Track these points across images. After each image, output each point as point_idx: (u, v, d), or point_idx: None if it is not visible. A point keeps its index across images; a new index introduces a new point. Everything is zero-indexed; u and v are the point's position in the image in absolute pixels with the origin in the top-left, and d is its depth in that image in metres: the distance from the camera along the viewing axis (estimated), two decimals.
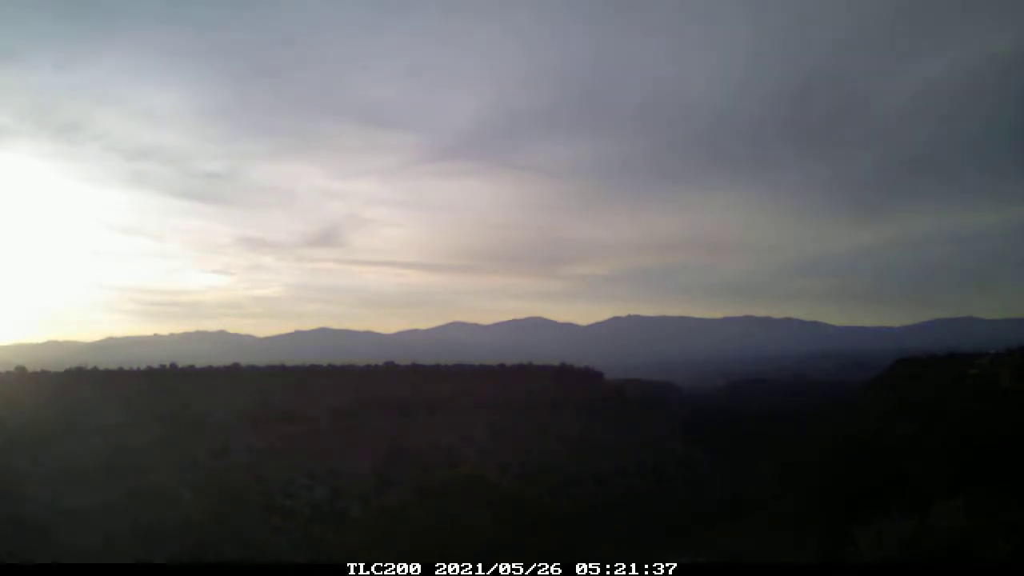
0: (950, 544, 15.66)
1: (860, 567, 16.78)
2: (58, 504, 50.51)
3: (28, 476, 58.15)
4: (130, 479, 61.04)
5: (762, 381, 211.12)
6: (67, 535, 38.90)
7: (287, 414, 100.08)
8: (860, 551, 17.96)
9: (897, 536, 17.63)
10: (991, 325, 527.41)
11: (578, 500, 77.66)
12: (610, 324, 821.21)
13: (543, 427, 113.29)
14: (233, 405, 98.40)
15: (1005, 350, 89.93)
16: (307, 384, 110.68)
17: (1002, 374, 70.06)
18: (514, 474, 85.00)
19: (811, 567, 17.76)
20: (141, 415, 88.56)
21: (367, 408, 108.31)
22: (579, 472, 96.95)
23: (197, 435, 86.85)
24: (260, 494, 65.66)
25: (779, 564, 19.50)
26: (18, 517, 45.70)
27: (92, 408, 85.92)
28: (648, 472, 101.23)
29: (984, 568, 14.32)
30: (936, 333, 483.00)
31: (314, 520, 62.29)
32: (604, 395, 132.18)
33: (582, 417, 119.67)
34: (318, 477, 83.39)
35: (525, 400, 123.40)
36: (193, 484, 44.45)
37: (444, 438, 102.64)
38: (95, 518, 40.42)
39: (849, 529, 19.89)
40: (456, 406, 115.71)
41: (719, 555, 22.05)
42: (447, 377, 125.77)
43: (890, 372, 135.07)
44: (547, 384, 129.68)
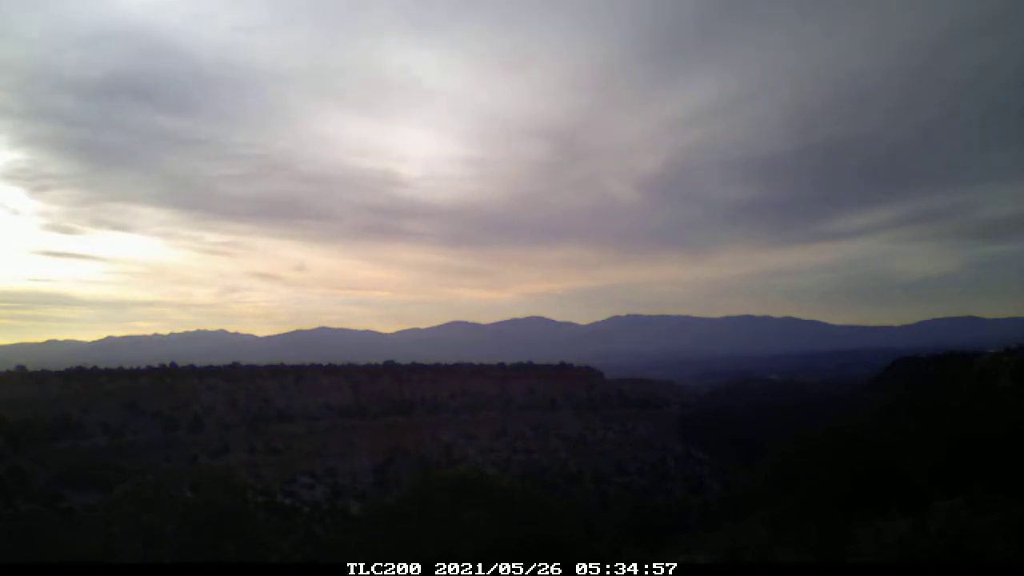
0: (950, 544, 15.66)
1: (860, 567, 16.78)
2: (58, 504, 50.47)
3: (28, 476, 58.15)
4: (130, 479, 61.00)
5: (762, 380, 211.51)
6: (67, 535, 38.88)
7: (287, 414, 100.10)
8: (859, 551, 17.96)
9: (896, 536, 17.62)
10: (991, 325, 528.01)
11: (578, 499, 77.69)
12: (610, 323, 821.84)
13: (543, 426, 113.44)
14: (233, 405, 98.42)
15: (1005, 350, 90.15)
16: (307, 384, 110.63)
17: (1002, 374, 70.17)
18: (514, 473, 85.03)
19: (811, 566, 17.75)
20: (141, 415, 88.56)
21: (367, 408, 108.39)
22: (579, 471, 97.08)
23: (197, 435, 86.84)
24: (260, 494, 65.65)
25: (779, 564, 19.49)
26: (18, 517, 45.69)
27: (92, 408, 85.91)
28: (648, 471, 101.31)
29: (984, 568, 14.33)
30: (936, 333, 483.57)
31: (314, 520, 62.26)
32: (604, 394, 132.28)
33: (582, 416, 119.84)
34: (318, 477, 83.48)
35: (525, 400, 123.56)
36: (193, 484, 44.46)
37: (444, 438, 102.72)
38: (95, 518, 40.42)
39: (848, 529, 19.88)
40: (456, 406, 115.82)
41: (719, 554, 22.04)
42: (447, 377, 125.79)
43: (890, 372, 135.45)
44: (547, 383, 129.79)
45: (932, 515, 18.14)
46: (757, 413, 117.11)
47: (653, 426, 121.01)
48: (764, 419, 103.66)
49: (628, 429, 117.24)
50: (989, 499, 17.61)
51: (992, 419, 28.59)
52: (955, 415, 35.89)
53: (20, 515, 46.39)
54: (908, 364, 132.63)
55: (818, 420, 48.79)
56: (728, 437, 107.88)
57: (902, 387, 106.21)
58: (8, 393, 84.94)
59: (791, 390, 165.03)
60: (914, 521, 18.24)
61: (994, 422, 27.12)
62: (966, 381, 78.37)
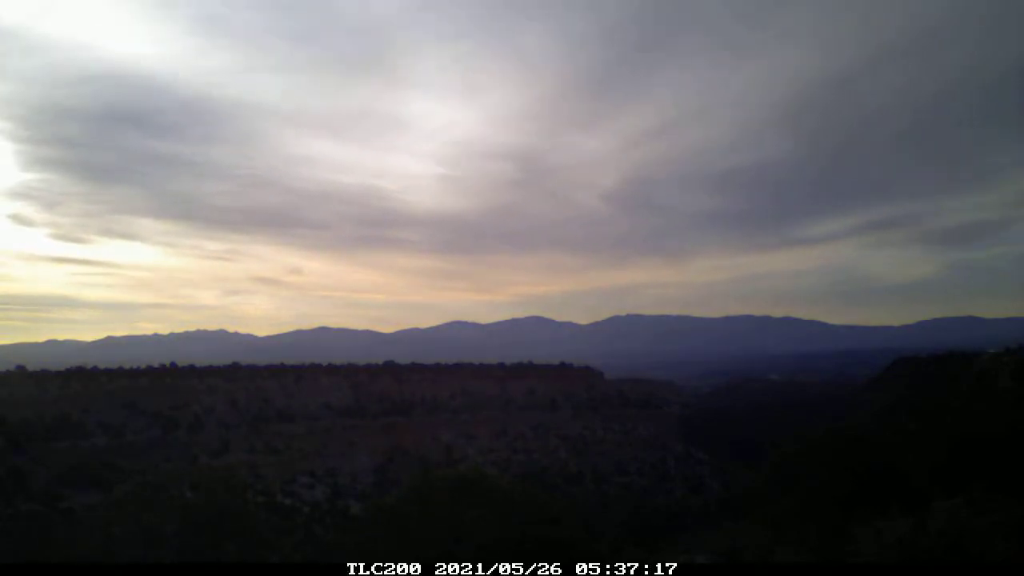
0: (950, 544, 15.65)
1: (860, 567, 16.78)
2: (58, 504, 50.46)
3: (28, 476, 58.13)
4: (130, 479, 60.98)
5: (761, 380, 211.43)
6: (67, 535, 38.86)
7: (287, 414, 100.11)
8: (859, 551, 17.95)
9: (896, 536, 17.61)
10: (991, 325, 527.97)
11: (578, 499, 77.67)
12: (610, 323, 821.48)
13: (543, 426, 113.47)
14: (233, 405, 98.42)
15: (1005, 350, 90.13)
16: (307, 384, 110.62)
17: (1002, 374, 70.12)
18: (514, 473, 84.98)
19: (811, 566, 17.75)
20: (141, 415, 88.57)
21: (367, 408, 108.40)
22: (579, 471, 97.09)
23: (197, 435, 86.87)
24: (260, 494, 65.62)
25: (779, 564, 19.50)
26: (18, 517, 45.68)
27: (92, 408, 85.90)
28: (648, 471, 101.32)
29: (984, 568, 14.33)
30: (936, 333, 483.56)
31: (314, 520, 62.22)
32: (604, 394, 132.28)
33: (582, 416, 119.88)
34: (318, 477, 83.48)
35: (525, 400, 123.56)
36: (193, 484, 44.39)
37: (444, 438, 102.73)
38: (95, 518, 40.38)
39: (848, 529, 19.87)
40: (456, 406, 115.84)
41: (719, 554, 22.04)
42: (447, 377, 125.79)
43: (890, 372, 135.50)
44: (547, 383, 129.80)
45: (932, 515, 18.12)
46: (757, 413, 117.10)
47: (653, 426, 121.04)
48: (764, 419, 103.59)
49: (628, 429, 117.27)
50: (989, 499, 17.59)
51: (992, 419, 28.56)
52: (955, 415, 35.85)
53: (20, 515, 46.37)
54: (908, 364, 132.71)
55: (818, 420, 48.76)
56: (728, 437, 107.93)
57: (902, 387, 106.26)
58: (8, 393, 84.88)
59: (791, 390, 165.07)
60: (914, 521, 18.23)
61: (994, 422, 27.09)
62: (966, 381, 78.30)
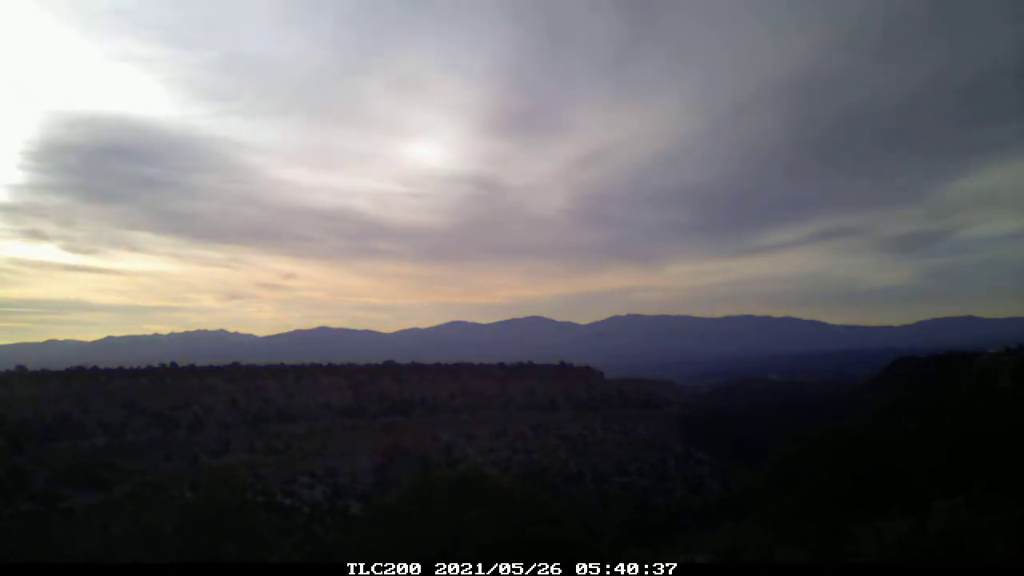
0: (950, 544, 15.65)
1: (860, 567, 16.78)
2: (58, 504, 50.46)
3: (28, 476, 58.12)
4: (130, 479, 60.96)
5: (761, 380, 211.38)
6: (67, 535, 38.87)
7: (287, 414, 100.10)
8: (859, 551, 17.95)
9: (896, 536, 17.62)
10: (990, 325, 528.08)
11: (578, 499, 77.65)
12: (609, 323, 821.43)
13: (543, 426, 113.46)
14: (233, 405, 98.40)
15: (1005, 350, 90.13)
16: (307, 384, 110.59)
17: (1002, 374, 70.15)
18: (514, 473, 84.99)
19: (811, 566, 17.75)
20: (141, 415, 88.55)
21: (367, 408, 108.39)
22: (579, 471, 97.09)
23: (197, 435, 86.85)
24: (260, 494, 65.60)
25: (779, 564, 19.49)
26: (18, 517, 45.68)
27: (92, 408, 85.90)
28: (648, 471, 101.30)
29: (984, 568, 14.33)
30: (936, 333, 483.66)
31: (314, 520, 62.23)
32: (604, 394, 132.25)
33: (582, 416, 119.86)
34: (318, 477, 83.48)
35: (525, 400, 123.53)
36: (193, 484, 44.38)
37: (444, 438, 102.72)
38: (95, 518, 40.39)
39: (848, 529, 19.87)
40: (456, 406, 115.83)
41: (719, 554, 22.03)
42: (447, 377, 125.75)
43: (890, 372, 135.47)
44: (547, 383, 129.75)
45: (932, 515, 18.13)
46: (757, 413, 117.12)
47: (653, 426, 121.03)
48: (764, 419, 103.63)
49: (628, 429, 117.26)
50: (989, 499, 17.59)
51: (992, 419, 28.57)
52: (955, 415, 35.87)
53: (20, 515, 46.39)
54: (908, 364, 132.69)
55: (818, 420, 48.78)
56: (728, 437, 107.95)
57: (902, 387, 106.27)
58: (8, 393, 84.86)
59: (791, 390, 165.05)
60: (914, 521, 18.23)
61: (994, 422, 27.10)
62: (966, 381, 78.33)
